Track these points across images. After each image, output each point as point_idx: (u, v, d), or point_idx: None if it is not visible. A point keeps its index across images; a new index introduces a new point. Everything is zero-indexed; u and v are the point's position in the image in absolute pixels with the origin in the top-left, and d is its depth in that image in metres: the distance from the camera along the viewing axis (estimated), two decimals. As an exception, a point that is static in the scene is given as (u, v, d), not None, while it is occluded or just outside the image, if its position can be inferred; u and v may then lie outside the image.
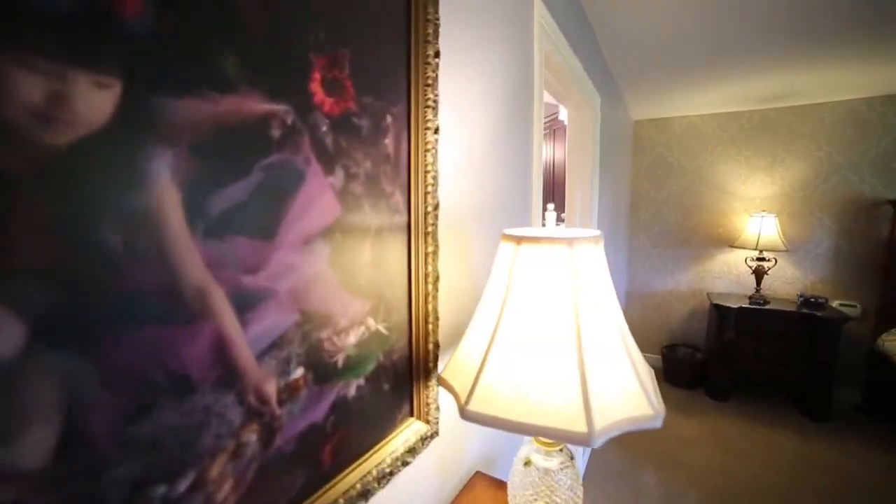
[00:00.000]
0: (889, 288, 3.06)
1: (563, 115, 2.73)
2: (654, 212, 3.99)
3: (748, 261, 3.47)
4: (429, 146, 0.66)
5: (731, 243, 3.59)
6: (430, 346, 0.70)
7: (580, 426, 0.50)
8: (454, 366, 0.63)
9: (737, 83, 2.87)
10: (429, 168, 0.66)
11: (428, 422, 0.72)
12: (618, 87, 2.99)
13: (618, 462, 2.59)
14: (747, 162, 3.60)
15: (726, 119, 3.65)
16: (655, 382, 0.62)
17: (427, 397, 0.71)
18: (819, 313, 3.04)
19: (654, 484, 2.42)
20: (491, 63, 0.95)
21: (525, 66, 1.14)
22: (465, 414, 0.56)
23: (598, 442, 0.50)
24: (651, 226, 4.01)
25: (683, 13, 1.82)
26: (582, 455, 2.42)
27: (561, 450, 0.69)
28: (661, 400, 0.58)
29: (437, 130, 0.69)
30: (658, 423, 0.55)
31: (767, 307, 3.24)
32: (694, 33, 2.02)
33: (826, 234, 3.39)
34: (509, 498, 0.70)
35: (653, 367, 3.44)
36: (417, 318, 0.68)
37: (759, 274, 3.38)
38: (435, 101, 0.68)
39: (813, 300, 3.16)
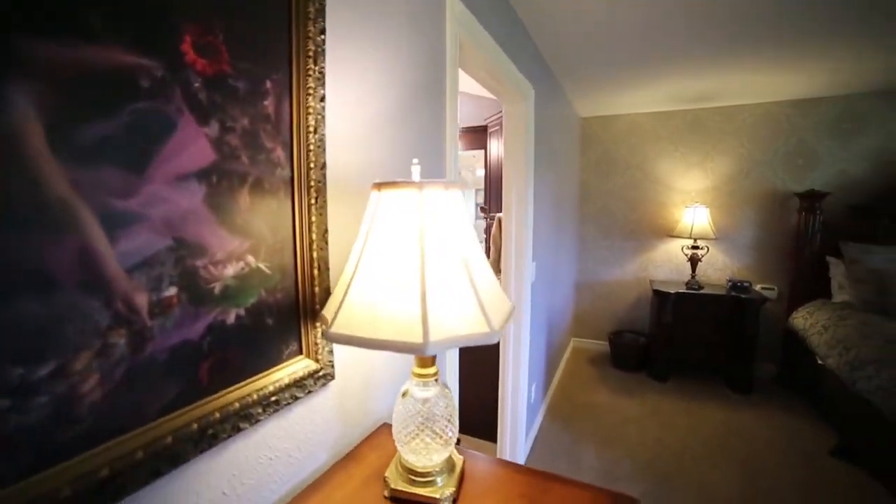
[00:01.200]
0: (798, 271, 3.38)
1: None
2: (602, 205, 4.22)
3: (684, 249, 3.73)
4: (311, 111, 0.75)
5: (670, 233, 3.85)
6: (317, 290, 0.78)
7: (417, 338, 0.60)
8: (330, 301, 0.72)
9: (671, 83, 3.09)
10: (311, 129, 0.75)
11: (318, 360, 0.80)
12: (560, 84, 3.17)
13: (562, 443, 2.74)
14: (683, 158, 3.87)
15: (664, 118, 3.91)
16: (507, 311, 0.73)
17: (316, 338, 0.79)
18: (744, 296, 3.31)
19: (594, 458, 2.58)
20: (394, 42, 1.04)
21: (435, 48, 1.24)
22: (327, 335, 0.65)
23: (432, 350, 0.60)
24: (599, 218, 4.23)
25: (619, 15, 1.98)
26: (524, 439, 2.54)
27: (436, 381, 0.79)
28: (501, 321, 0.68)
29: (322, 98, 0.78)
30: (492, 340, 0.65)
31: (702, 292, 3.49)
32: (627, 34, 2.19)
33: (749, 225, 3.69)
34: (394, 433, 0.76)
35: (600, 353, 3.65)
36: (303, 263, 0.76)
37: (693, 261, 3.64)
38: (321, 72, 0.77)
39: (739, 284, 3.44)
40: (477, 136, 3.53)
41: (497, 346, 2.36)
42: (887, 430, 2.09)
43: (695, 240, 3.60)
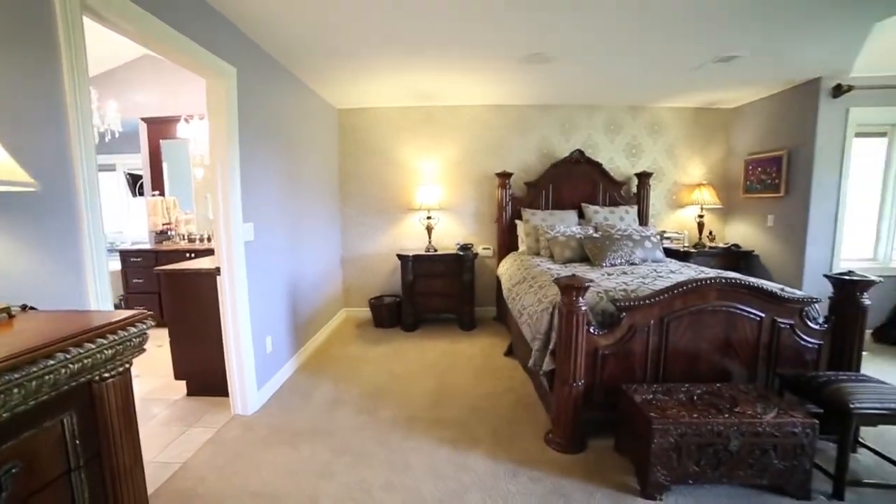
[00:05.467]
0: (501, 232, 4.51)
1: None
2: (358, 186, 4.74)
3: (422, 221, 4.52)
4: None
5: (411, 207, 4.61)
6: None
7: None
8: None
9: (405, 80, 3.71)
10: None
11: None
12: (298, 78, 3.52)
13: (305, 386, 3.05)
14: (419, 145, 4.68)
15: (404, 112, 4.64)
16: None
17: None
18: (462, 253, 4.23)
19: (329, 390, 2.97)
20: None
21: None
22: None
23: None
24: (356, 198, 4.75)
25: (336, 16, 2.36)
26: (256, 388, 2.77)
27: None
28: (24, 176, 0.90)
29: None
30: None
31: (435, 254, 4.30)
32: (354, 33, 2.61)
33: (470, 199, 4.73)
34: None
35: (367, 317, 4.12)
36: None
37: (429, 230, 4.45)
38: None
39: (465, 246, 4.37)
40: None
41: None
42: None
43: (429, 212, 4.42)
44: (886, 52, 3.35)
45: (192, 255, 3.88)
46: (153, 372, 3.24)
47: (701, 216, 4.62)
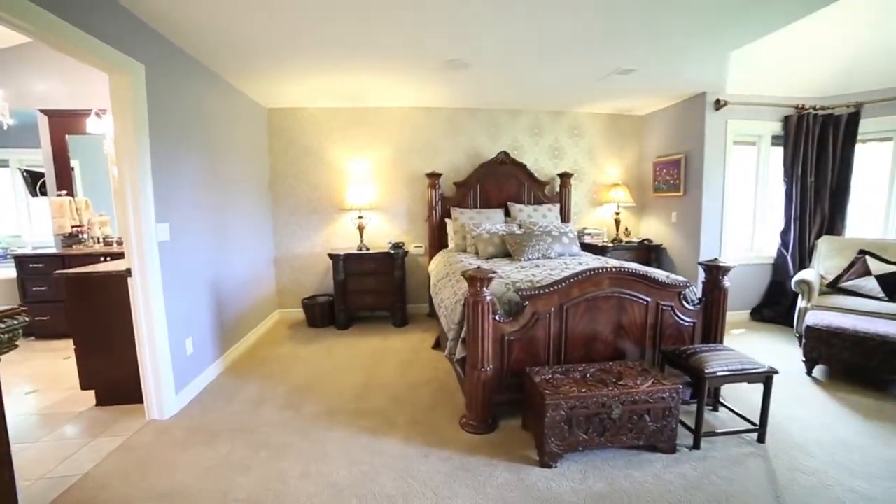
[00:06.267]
0: (432, 231, 4.65)
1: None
2: (289, 186, 4.70)
3: (353, 220, 4.56)
4: None
5: (342, 207, 4.64)
6: None
7: None
8: None
9: (333, 82, 3.73)
10: None
11: None
12: (222, 77, 3.46)
13: (231, 387, 3.00)
14: (350, 145, 4.71)
15: (335, 113, 4.65)
16: None
17: None
18: (393, 252, 4.33)
19: (254, 390, 2.95)
20: None
21: None
22: None
23: None
24: (287, 198, 4.70)
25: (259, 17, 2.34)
26: (174, 392, 2.71)
27: None
28: None
29: None
30: None
31: (367, 252, 4.36)
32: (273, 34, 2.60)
33: (402, 199, 4.83)
34: None
35: (301, 318, 4.08)
36: None
37: (361, 229, 4.51)
38: None
39: (396, 244, 4.46)
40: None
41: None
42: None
43: (360, 212, 4.48)
44: (749, 75, 3.88)
45: (107, 258, 3.68)
46: (56, 386, 3.05)
47: (618, 213, 5.04)
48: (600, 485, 1.92)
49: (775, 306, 4.46)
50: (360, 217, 4.48)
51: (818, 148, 4.25)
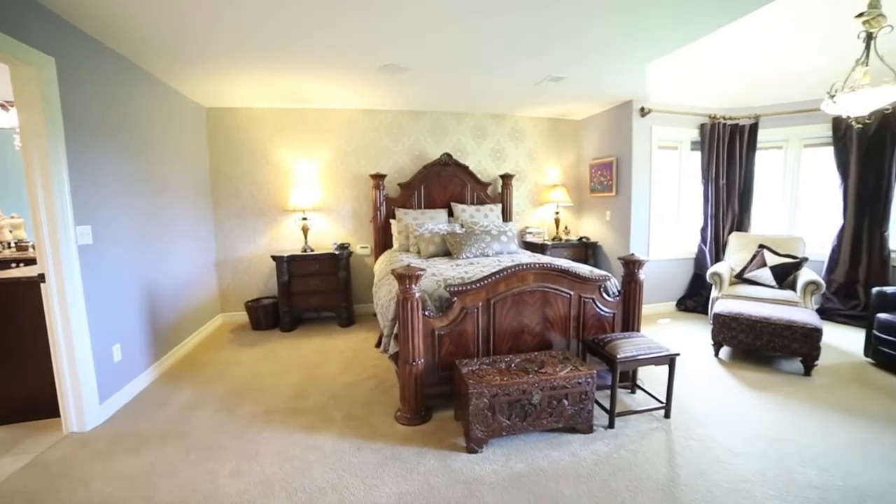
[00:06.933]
0: (377, 231, 4.70)
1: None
2: (233, 188, 4.59)
3: (297, 222, 4.54)
4: None
5: (286, 209, 4.60)
6: None
7: None
8: None
9: (273, 82, 3.70)
10: None
11: None
12: (147, 70, 3.32)
13: (164, 393, 2.92)
14: (295, 147, 4.68)
15: (279, 113, 4.60)
16: None
17: None
18: (338, 252, 4.34)
19: (190, 395, 2.89)
20: None
21: None
22: None
23: None
24: (232, 200, 4.60)
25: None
26: (97, 402, 2.61)
27: None
28: None
29: None
30: None
31: (312, 254, 4.35)
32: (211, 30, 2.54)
33: (347, 200, 4.85)
34: None
35: (246, 321, 3.97)
36: None
37: (305, 231, 4.49)
38: None
39: (342, 245, 4.47)
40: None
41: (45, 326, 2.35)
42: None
43: (304, 213, 4.46)
44: (671, 87, 4.24)
45: (19, 264, 3.45)
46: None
47: (557, 213, 5.31)
48: (520, 465, 2.07)
49: (696, 297, 4.87)
50: (305, 218, 4.46)
51: (728, 154, 4.69)
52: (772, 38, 3.71)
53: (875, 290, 3.26)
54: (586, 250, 5.08)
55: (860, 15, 2.62)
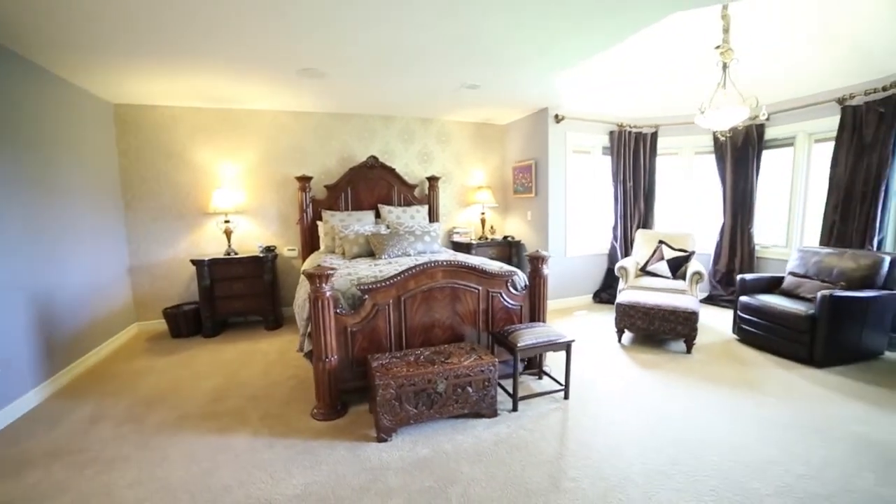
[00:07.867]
0: (304, 233, 4.70)
1: None
2: (148, 189, 4.38)
3: (219, 225, 4.43)
4: None
5: (207, 212, 4.47)
6: None
7: None
8: None
9: (188, 82, 3.60)
10: None
11: None
12: (34, 62, 3.10)
13: (61, 410, 2.76)
14: (217, 147, 4.55)
15: (200, 113, 4.45)
16: None
17: None
18: (261, 255, 4.29)
19: (92, 408, 2.76)
20: None
21: None
22: None
23: None
24: (147, 202, 4.38)
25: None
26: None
27: None
28: None
29: None
30: None
31: (235, 257, 4.26)
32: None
33: (273, 202, 4.80)
34: None
35: (160, 331, 3.77)
36: None
37: (228, 234, 4.39)
38: None
39: (268, 248, 4.42)
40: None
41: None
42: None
43: (226, 215, 4.36)
44: (581, 96, 4.60)
45: None
46: None
47: (483, 213, 5.57)
48: (426, 450, 2.23)
49: (610, 289, 5.33)
50: (227, 221, 4.36)
51: (634, 158, 5.18)
52: (656, 60, 4.17)
53: (739, 276, 3.80)
54: (510, 248, 5.37)
55: (718, 47, 3.05)
